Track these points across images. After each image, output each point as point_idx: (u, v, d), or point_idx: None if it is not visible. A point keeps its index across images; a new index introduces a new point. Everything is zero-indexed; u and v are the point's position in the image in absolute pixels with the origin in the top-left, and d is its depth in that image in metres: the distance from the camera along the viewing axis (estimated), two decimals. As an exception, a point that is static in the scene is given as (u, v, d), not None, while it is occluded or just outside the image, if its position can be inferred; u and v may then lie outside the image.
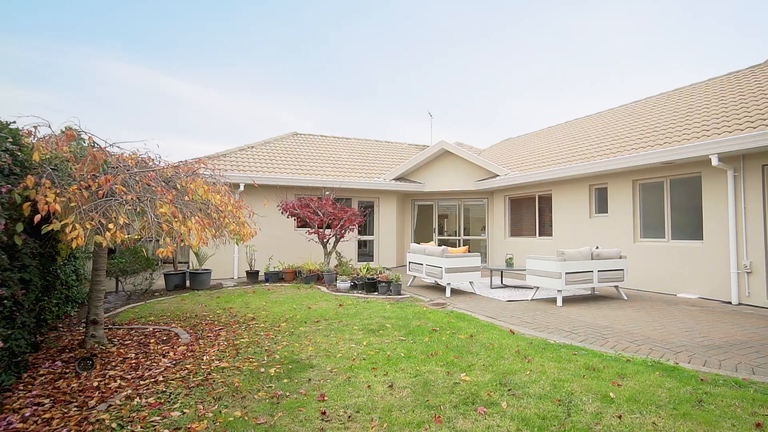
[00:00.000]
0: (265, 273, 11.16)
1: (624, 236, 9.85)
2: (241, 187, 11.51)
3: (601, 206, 10.64)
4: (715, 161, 7.56)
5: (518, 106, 52.40)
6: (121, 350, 5.00)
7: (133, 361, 4.64)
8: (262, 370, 4.25)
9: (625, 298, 8.12)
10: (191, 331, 5.92)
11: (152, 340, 5.47)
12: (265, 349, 4.94)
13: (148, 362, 4.58)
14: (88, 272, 7.89)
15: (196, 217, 4.60)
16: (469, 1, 36.54)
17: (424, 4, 37.52)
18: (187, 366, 4.41)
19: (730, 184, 7.75)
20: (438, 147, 14.49)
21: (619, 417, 3.06)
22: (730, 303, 7.66)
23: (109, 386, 3.90)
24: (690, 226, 8.72)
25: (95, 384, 3.95)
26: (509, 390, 3.60)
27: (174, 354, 4.87)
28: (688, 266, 8.56)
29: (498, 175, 13.43)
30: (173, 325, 6.30)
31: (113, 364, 4.53)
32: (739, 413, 3.08)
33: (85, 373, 4.22)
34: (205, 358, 4.68)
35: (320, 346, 5.02)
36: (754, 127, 7.37)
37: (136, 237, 4.79)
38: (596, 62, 46.63)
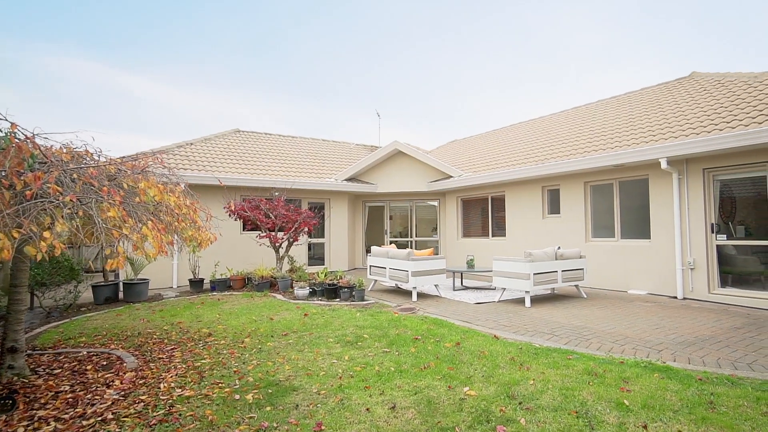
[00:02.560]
0: (211, 281, 10.21)
1: (576, 236, 10.21)
2: (183, 186, 10.43)
3: (554, 207, 10.97)
4: (664, 164, 8.00)
5: (478, 104, 53.72)
6: (51, 382, 4.14)
7: (69, 395, 3.83)
8: (237, 396, 3.66)
9: (585, 296, 8.35)
10: (137, 352, 5.10)
11: (89, 367, 4.61)
12: (234, 371, 4.32)
13: (88, 395, 3.80)
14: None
15: (151, 222, 3.90)
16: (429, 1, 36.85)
17: (384, 3, 37.32)
18: (141, 397, 3.70)
19: (675, 186, 8.25)
20: (391, 147, 14.25)
21: (644, 427, 2.92)
22: (676, 298, 8.14)
23: (41, 431, 3.14)
24: (638, 226, 9.20)
25: (20, 430, 3.16)
26: (520, 403, 3.36)
27: (121, 383, 4.10)
28: (636, 264, 9.02)
29: (451, 176, 13.46)
30: (113, 346, 5.42)
31: (42, 401, 3.70)
32: (752, 414, 3.07)
33: (4, 417, 3.38)
34: (162, 385, 3.97)
35: (297, 364, 4.49)
36: (697, 134, 7.90)
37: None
38: (556, 61, 48.38)
